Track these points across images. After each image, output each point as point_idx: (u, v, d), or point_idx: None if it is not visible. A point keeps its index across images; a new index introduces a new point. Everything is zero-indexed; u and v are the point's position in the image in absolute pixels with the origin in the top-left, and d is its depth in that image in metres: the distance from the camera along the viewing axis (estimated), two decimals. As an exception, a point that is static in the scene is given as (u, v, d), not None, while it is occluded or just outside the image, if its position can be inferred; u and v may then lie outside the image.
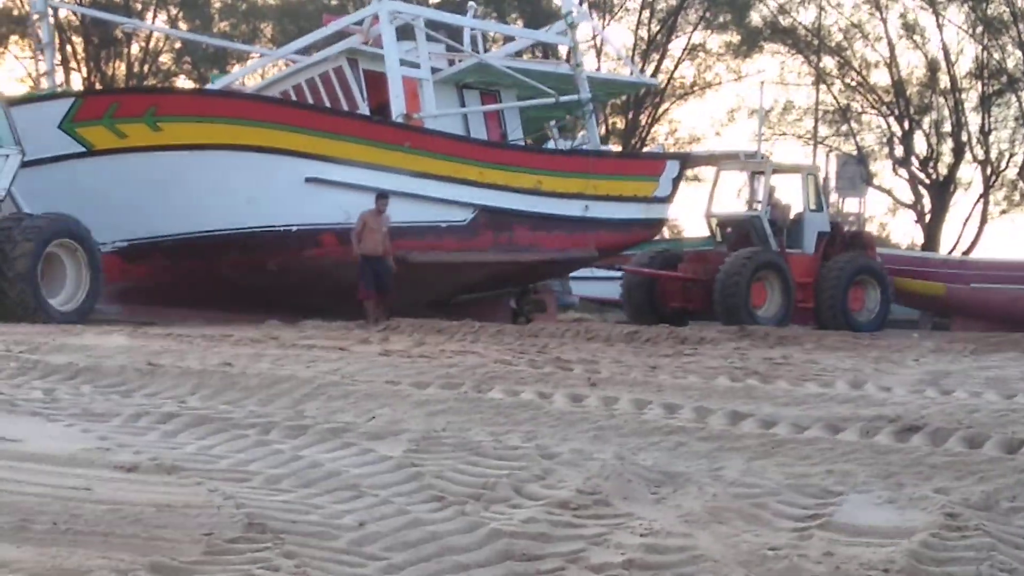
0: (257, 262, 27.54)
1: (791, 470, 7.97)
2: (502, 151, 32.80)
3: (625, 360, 15.30)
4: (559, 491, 7.05)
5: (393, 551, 5.79)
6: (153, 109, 28.43)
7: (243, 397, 10.65)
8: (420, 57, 31.55)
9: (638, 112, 58.67)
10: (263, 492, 7.02)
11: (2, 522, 6.14)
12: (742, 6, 57.98)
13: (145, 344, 15.57)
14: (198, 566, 5.42)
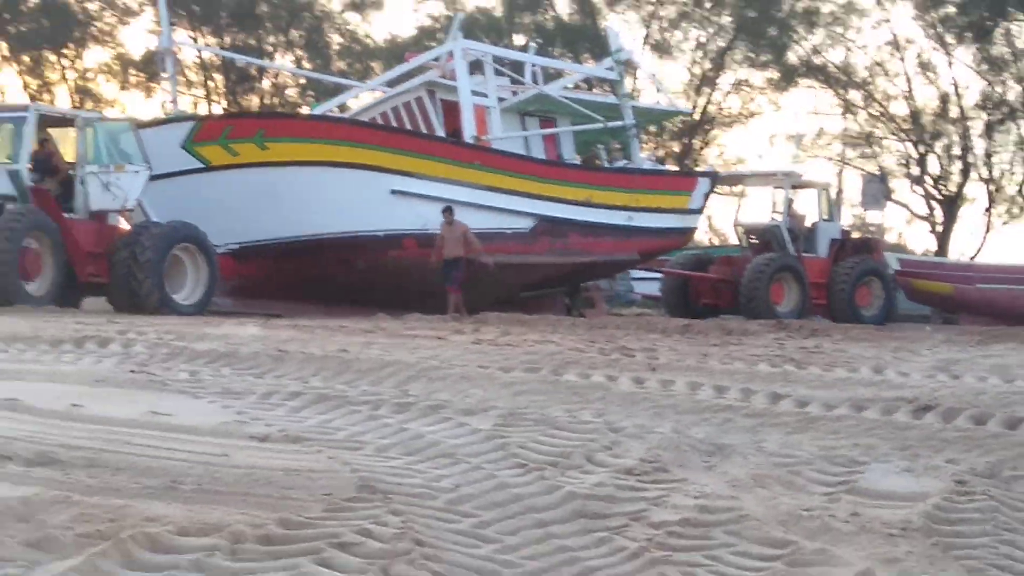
0: (348, 262, 27.55)
1: (822, 443, 7.94)
2: (558, 169, 32.78)
3: (680, 349, 15.25)
4: (624, 459, 7.05)
5: (483, 510, 5.80)
6: (261, 131, 28.65)
7: (357, 378, 10.66)
8: (488, 88, 31.69)
9: (692, 137, 58.51)
10: (374, 459, 7.04)
11: (155, 483, 6.19)
12: (780, 47, 57.68)
13: (274, 334, 15.62)
14: (320, 521, 5.44)
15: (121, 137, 25.68)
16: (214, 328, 16.50)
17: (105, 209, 24.85)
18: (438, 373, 11.10)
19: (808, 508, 5.97)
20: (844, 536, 5.47)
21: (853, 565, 4.81)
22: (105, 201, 24.71)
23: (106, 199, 24.68)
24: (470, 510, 5.81)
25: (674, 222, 33.95)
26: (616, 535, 5.37)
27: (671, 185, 35.30)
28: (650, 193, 33.55)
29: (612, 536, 5.36)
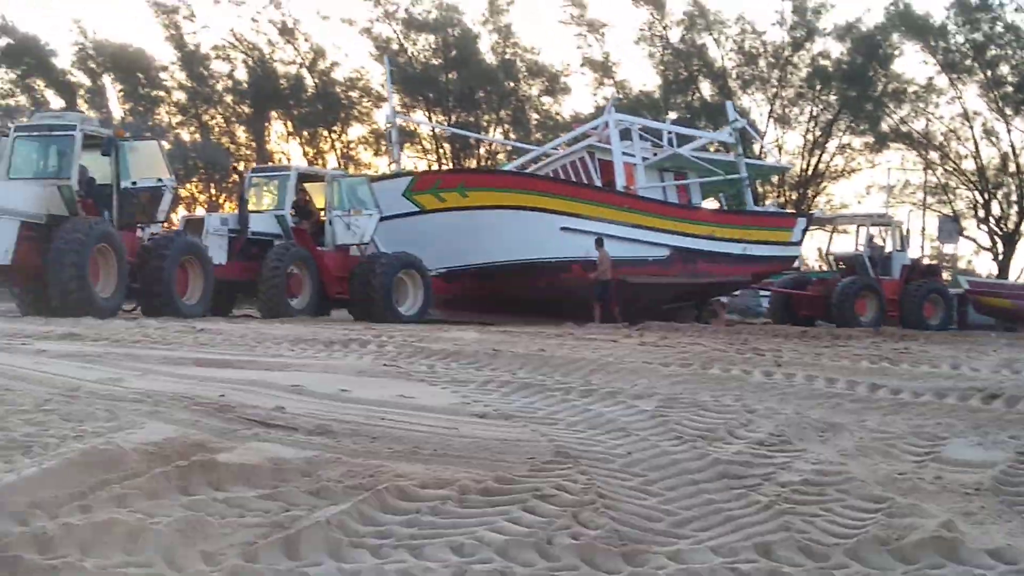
0: (530, 282, 27.63)
1: (912, 422, 7.78)
2: (689, 211, 32.88)
3: (799, 349, 15.06)
4: (757, 433, 6.97)
5: (649, 471, 5.77)
6: (463, 183, 29.26)
7: (552, 371, 10.68)
8: (635, 150, 31.97)
9: (807, 188, 57.90)
10: (566, 432, 7.03)
11: (402, 448, 6.24)
12: (875, 118, 56.99)
13: (489, 337, 15.69)
14: (525, 479, 5.44)
15: (358, 189, 26.33)
16: (444, 333, 16.63)
17: (347, 243, 25.57)
18: (613, 367, 11.08)
19: (901, 472, 5.86)
20: (930, 494, 5.36)
21: (937, 517, 4.70)
22: (347, 237, 25.47)
23: (348, 236, 25.45)
24: (639, 471, 5.78)
25: (778, 252, 34.00)
26: (751, 491, 5.31)
27: (776, 223, 35.32)
28: (759, 229, 33.67)
29: (748, 492, 5.30)
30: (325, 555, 4.18)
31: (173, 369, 9.91)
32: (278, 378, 9.34)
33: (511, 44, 59.64)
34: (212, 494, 4.97)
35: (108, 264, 19.89)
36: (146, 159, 21.88)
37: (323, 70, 60.57)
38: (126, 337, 13.45)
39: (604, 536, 4.47)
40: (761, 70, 57.80)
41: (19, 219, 19.38)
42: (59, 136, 20.55)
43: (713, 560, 4.21)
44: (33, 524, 4.43)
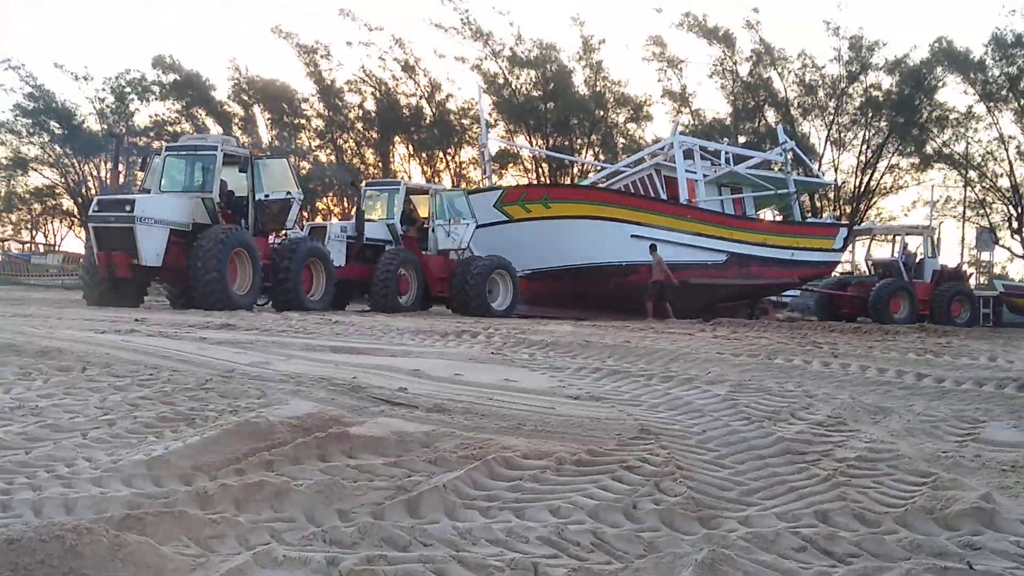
0: (603, 282, 27.59)
1: (954, 407, 7.62)
2: (744, 221, 32.58)
3: (852, 343, 14.81)
4: (816, 415, 6.87)
5: (721, 447, 5.72)
6: (546, 196, 29.17)
7: (636, 359, 10.63)
8: (696, 168, 31.81)
9: (859, 203, 57.14)
10: (648, 412, 6.99)
11: (507, 424, 6.24)
12: (921, 142, 56.24)
13: (581, 330, 15.64)
14: (613, 452, 5.41)
15: (457, 201, 26.38)
16: (542, 327, 16.61)
17: (447, 248, 25.56)
18: (690, 357, 10.99)
19: (945, 451, 5.74)
20: (970, 470, 5.25)
21: (977, 490, 4.59)
22: (447, 243, 25.49)
23: (448, 242, 25.49)
24: (712, 447, 5.73)
25: (823, 257, 33.72)
26: (812, 466, 5.24)
27: (820, 232, 34.85)
28: (806, 237, 33.41)
29: (809, 466, 5.23)
30: (442, 514, 4.20)
31: (313, 355, 10.01)
32: (401, 363, 9.40)
33: (601, 78, 59.59)
34: (346, 461, 5.02)
35: (244, 265, 20.20)
36: (277, 175, 22.12)
37: (439, 101, 61.04)
38: (273, 328, 13.61)
39: (682, 502, 4.45)
40: (820, 99, 57.31)
41: (168, 227, 19.76)
42: (203, 155, 20.94)
43: (778, 525, 4.17)
44: (196, 484, 4.50)
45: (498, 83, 59.52)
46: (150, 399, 6.55)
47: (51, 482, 4.46)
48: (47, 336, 10.23)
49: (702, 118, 58.45)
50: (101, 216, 19.81)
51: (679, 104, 59.09)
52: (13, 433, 5.42)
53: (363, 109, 62.28)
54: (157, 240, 19.57)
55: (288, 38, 60.87)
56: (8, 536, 3.26)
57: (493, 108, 60.22)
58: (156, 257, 19.55)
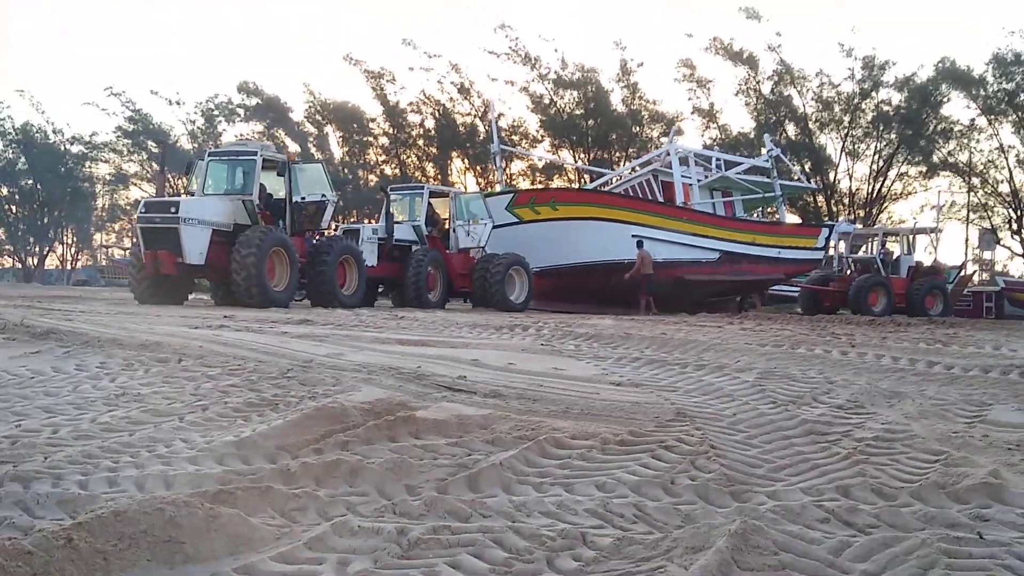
0: (605, 279, 27.24)
1: (963, 392, 7.50)
2: (734, 222, 32.24)
3: (868, 334, 14.66)
4: (837, 399, 6.80)
5: (750, 428, 5.67)
6: (554, 199, 29.03)
7: (672, 350, 10.57)
8: (691, 173, 31.49)
9: (872, 208, 56.61)
10: (684, 397, 6.95)
11: (556, 408, 6.23)
12: (927, 152, 55.69)
13: (621, 324, 15.59)
14: (652, 433, 5.38)
15: (474, 203, 26.28)
16: (586, 321, 16.58)
17: (467, 247, 25.40)
18: (721, 347, 10.92)
19: (955, 431, 5.66)
20: (979, 449, 5.17)
21: (985, 467, 4.52)
22: (467, 242, 25.37)
23: (467, 241, 25.39)
24: (742, 428, 5.68)
25: (806, 255, 33.37)
26: (833, 445, 5.18)
27: (804, 232, 34.76)
28: (791, 237, 33.15)
29: (830, 445, 5.17)
30: (499, 489, 4.19)
31: (381, 347, 10.04)
32: (461, 354, 9.41)
33: (637, 97, 59.41)
34: (412, 441, 5.02)
35: (282, 263, 19.74)
36: (313, 178, 21.72)
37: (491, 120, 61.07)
38: (346, 323, 13.68)
39: (716, 478, 4.41)
40: (836, 114, 56.86)
41: (211, 227, 19.40)
42: (243, 160, 20.50)
43: (803, 498, 4.13)
44: (280, 462, 4.53)
45: (544, 103, 59.50)
46: (238, 387, 6.60)
47: (152, 461, 4.50)
48: (147, 332, 10.34)
49: (728, 132, 58.11)
50: (148, 217, 19.47)
51: (707, 120, 58.80)
52: (118, 417, 5.48)
53: (424, 127, 62.55)
54: (200, 240, 19.24)
55: (357, 64, 61.40)
56: (115, 509, 3.29)
57: (540, 125, 60.25)
58: (199, 256, 19.23)
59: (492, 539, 3.47)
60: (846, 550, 3.42)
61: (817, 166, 57.43)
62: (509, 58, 58.39)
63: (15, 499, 3.81)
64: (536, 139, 61.02)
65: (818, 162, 57.33)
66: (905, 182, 58.10)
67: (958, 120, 55.73)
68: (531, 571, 3.24)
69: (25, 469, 4.24)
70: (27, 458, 4.49)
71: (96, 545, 3.14)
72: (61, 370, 7.31)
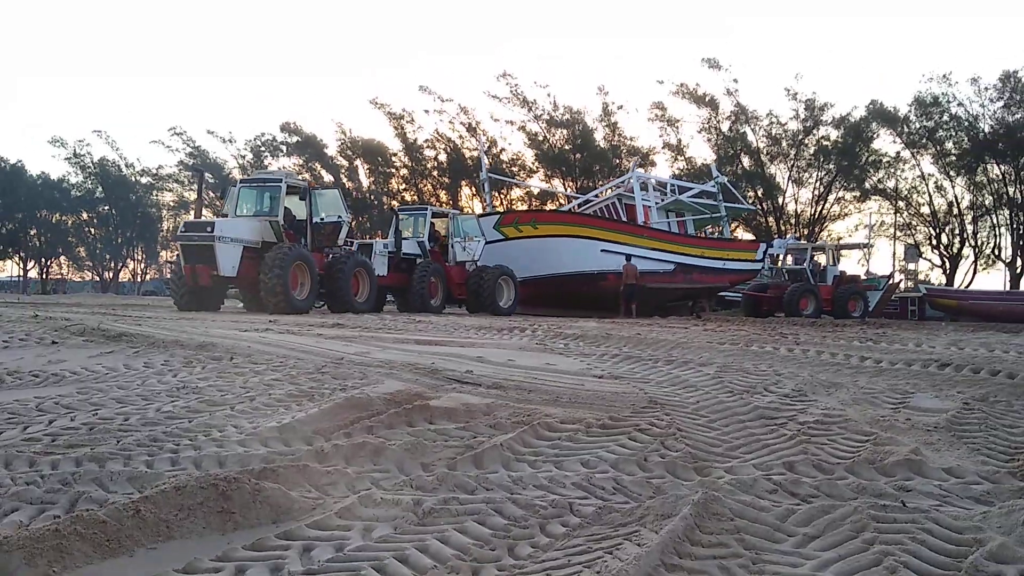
0: (578, 287, 27.00)
1: (889, 382, 7.47)
2: (686, 238, 32.03)
3: (811, 333, 14.62)
4: (783, 389, 6.78)
5: (711, 415, 5.66)
6: (534, 219, 28.68)
7: (646, 347, 10.54)
8: (650, 197, 31.42)
9: (814, 227, 56.57)
10: (655, 388, 6.94)
11: (548, 398, 6.22)
12: (860, 179, 55.73)
13: (603, 326, 15.54)
14: (629, 418, 5.38)
15: (469, 223, 25.75)
16: (573, 322, 16.54)
17: (464, 260, 24.87)
18: (686, 345, 10.89)
19: (883, 416, 5.64)
20: (902, 431, 5.16)
21: (908, 445, 4.53)
22: (463, 256, 24.87)
23: (464, 255, 24.88)
24: (704, 414, 5.67)
25: (747, 266, 32.98)
26: (780, 428, 5.18)
27: (745, 247, 34.43)
28: (734, 251, 32.85)
29: (778, 428, 5.17)
30: (499, 466, 4.19)
31: (402, 346, 10.03)
32: (468, 352, 9.39)
33: (617, 134, 59.43)
34: (427, 426, 5.02)
35: (304, 275, 19.29)
36: (330, 202, 21.34)
37: (495, 154, 61.08)
38: (372, 326, 13.66)
39: (682, 456, 4.41)
40: (783, 148, 56.82)
41: (243, 244, 19.11)
42: (270, 186, 20.25)
43: (755, 473, 4.13)
44: (315, 444, 4.53)
45: (538, 139, 59.53)
46: (280, 380, 6.60)
47: (208, 443, 4.50)
48: (203, 334, 10.34)
49: (694, 163, 58.07)
50: (187, 236, 19.18)
51: (676, 153, 58.78)
52: (179, 407, 5.48)
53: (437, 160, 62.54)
54: (233, 255, 18.94)
55: (382, 108, 61.32)
56: (176, 484, 3.30)
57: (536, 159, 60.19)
58: (232, 269, 18.91)
59: (493, 508, 3.47)
60: (791, 516, 3.42)
61: (768, 192, 57.40)
62: (509, 101, 58.46)
63: (92, 476, 3.81)
64: (532, 170, 61.04)
65: (769, 188, 57.29)
66: (842, 205, 58.09)
67: (886, 153, 55.78)
68: (526, 535, 3.24)
69: (100, 451, 4.25)
70: (102, 442, 4.50)
71: (160, 515, 3.15)
72: (131, 367, 7.31)
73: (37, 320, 11.34)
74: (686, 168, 57.37)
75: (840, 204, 57.92)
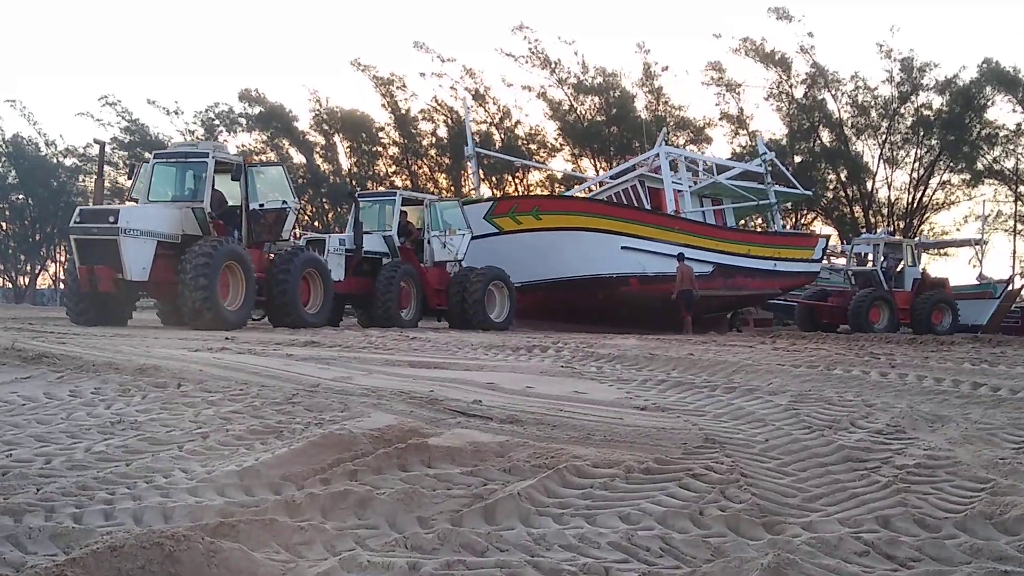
0: (592, 295, 26.60)
1: (1010, 415, 7.45)
2: (729, 231, 31.64)
3: (909, 354, 14.60)
4: (875, 424, 6.78)
5: (783, 455, 5.66)
6: (536, 207, 27.87)
7: (700, 371, 10.54)
8: (682, 178, 30.92)
9: (912, 218, 56.44)
10: (713, 422, 6.94)
11: (577, 435, 6.23)
12: (971, 159, 55.55)
13: (646, 344, 15.56)
14: (680, 460, 5.38)
15: (450, 212, 24.96)
16: (608, 340, 16.55)
17: (443, 260, 24.22)
18: (751, 368, 10.89)
19: (1002, 458, 5.62)
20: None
21: (1035, 496, 4.52)
22: (443, 255, 24.19)
23: (444, 253, 24.20)
24: (775, 455, 5.67)
25: (803, 268, 32.58)
26: (872, 473, 5.17)
27: (799, 243, 33.94)
28: (787, 248, 32.37)
29: (869, 473, 5.16)
30: (517, 521, 4.19)
31: (392, 370, 10.06)
32: (475, 377, 9.42)
33: (662, 103, 59.45)
34: (424, 470, 5.03)
35: (236, 279, 18.43)
36: (272, 183, 20.53)
37: (508, 127, 61.25)
38: (355, 344, 13.71)
39: (747, 509, 4.41)
40: (873, 119, 56.72)
41: (156, 239, 18.02)
42: (193, 162, 19.10)
43: (840, 530, 4.12)
44: (284, 493, 4.55)
45: (563, 109, 59.64)
46: (240, 413, 6.62)
47: (150, 492, 4.52)
48: (144, 355, 10.40)
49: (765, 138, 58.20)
50: (83, 227, 17.99)
51: (736, 126, 58.79)
52: (114, 446, 5.51)
53: (436, 136, 62.78)
54: (143, 253, 17.82)
55: (366, 70, 61.50)
56: (112, 543, 3.31)
57: (559, 133, 60.34)
58: (142, 271, 17.82)
59: (509, 574, 3.47)
60: (886, 585, 3.42)
61: (853, 174, 57.29)
62: (528, 61, 58.47)
63: (6, 533, 3.83)
64: (555, 148, 61.14)
65: (854, 170, 57.17)
66: (948, 191, 57.87)
67: (1003, 124, 55.53)
68: (551, 608, 3.24)
69: (16, 501, 4.27)
70: (19, 489, 4.52)
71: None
72: (54, 396, 7.35)
73: (-64, 337, 11.43)
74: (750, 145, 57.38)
75: (945, 190, 57.82)
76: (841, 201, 58.52)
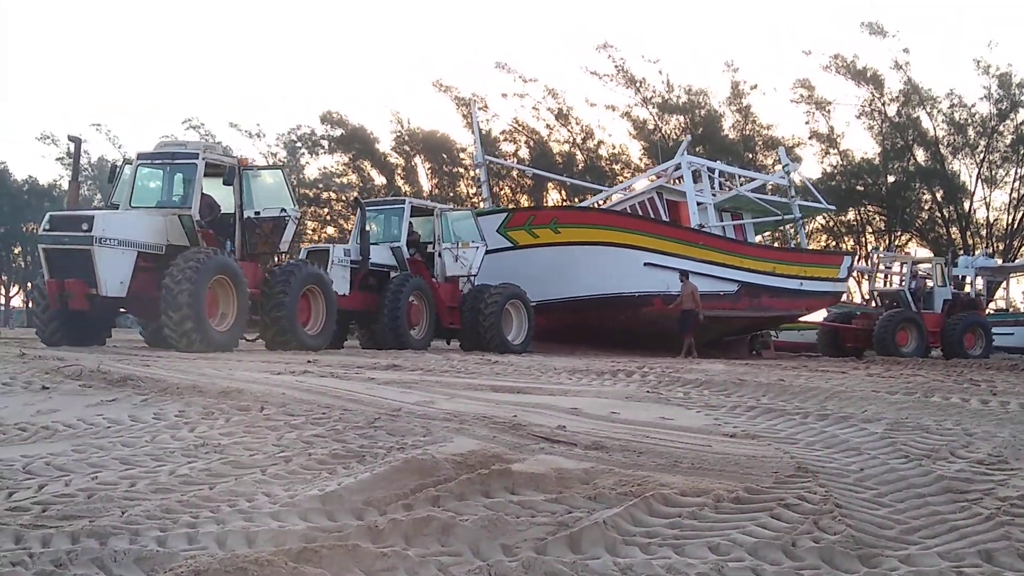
0: (613, 316, 25.86)
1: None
2: (753, 248, 30.69)
3: (1011, 380, 14.26)
4: (976, 454, 6.62)
5: (879, 486, 5.56)
6: (555, 219, 26.93)
7: (791, 398, 10.40)
8: (705, 190, 30.00)
9: (1011, 242, 55.24)
10: (805, 450, 6.84)
11: (664, 462, 6.18)
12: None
13: (735, 369, 15.39)
14: (771, 490, 5.32)
15: (463, 223, 23.65)
16: (695, 366, 16.40)
17: (456, 275, 22.93)
18: (845, 395, 10.71)
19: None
20: None
21: None
22: (456, 269, 22.82)
23: (456, 267, 22.81)
24: (871, 485, 5.57)
25: (829, 287, 31.65)
26: (973, 504, 5.06)
27: (825, 260, 33.04)
28: (813, 266, 31.33)
29: (971, 505, 5.05)
30: (603, 550, 4.17)
31: (474, 394, 10.08)
32: (559, 402, 9.39)
33: (750, 122, 59.07)
34: (508, 497, 5.03)
35: (227, 296, 16.86)
36: (270, 189, 18.61)
37: (591, 147, 61.28)
38: (436, 368, 13.77)
39: (842, 541, 4.34)
40: (970, 138, 55.80)
41: (136, 249, 16.45)
42: (181, 164, 17.48)
43: (940, 564, 4.04)
44: (367, 518, 4.57)
45: (647, 129, 59.53)
46: (323, 437, 6.68)
47: (233, 516, 4.58)
48: (227, 378, 10.54)
49: (851, 158, 57.46)
50: (53, 236, 16.26)
51: (827, 145, 58.17)
52: (198, 469, 5.59)
53: (517, 157, 62.98)
54: (121, 265, 16.22)
55: (447, 91, 61.96)
56: (195, 568, 3.36)
57: (643, 153, 60.21)
58: (119, 286, 16.18)
59: (596, 605, 3.45)
60: (990, 623, 3.34)
61: (950, 194, 56.33)
62: (612, 79, 58.46)
63: (91, 556, 3.91)
64: (639, 168, 60.99)
65: (951, 190, 56.21)
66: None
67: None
68: (639, 641, 3.21)
69: (102, 524, 4.35)
70: (104, 512, 4.61)
71: (176, 606, 3.20)
72: (138, 419, 7.49)
73: (24, 360, 11.71)
74: (842, 164, 56.73)
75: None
76: (937, 222, 57.55)
